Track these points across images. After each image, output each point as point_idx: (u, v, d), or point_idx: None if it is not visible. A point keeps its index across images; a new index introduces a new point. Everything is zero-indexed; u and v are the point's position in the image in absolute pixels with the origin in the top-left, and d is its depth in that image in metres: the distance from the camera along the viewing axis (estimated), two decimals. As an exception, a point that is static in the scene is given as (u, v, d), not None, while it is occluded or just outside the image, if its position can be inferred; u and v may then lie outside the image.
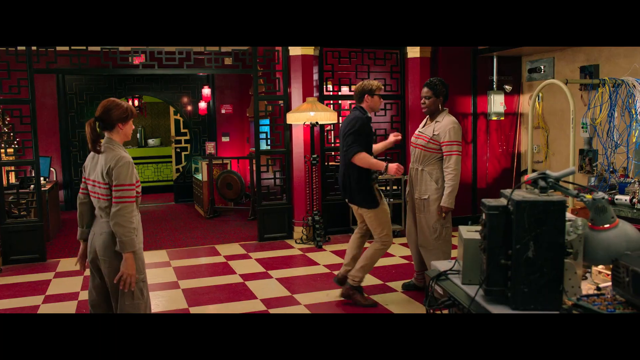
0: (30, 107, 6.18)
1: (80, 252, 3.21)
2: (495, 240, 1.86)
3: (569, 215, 1.85)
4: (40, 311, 4.69)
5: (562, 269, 1.81)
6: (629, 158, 4.57)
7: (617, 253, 1.78)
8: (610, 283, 1.84)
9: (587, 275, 2.11)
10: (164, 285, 5.36)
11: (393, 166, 4.31)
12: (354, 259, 4.70)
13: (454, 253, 4.27)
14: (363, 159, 4.34)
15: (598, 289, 1.87)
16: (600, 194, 1.87)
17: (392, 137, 4.81)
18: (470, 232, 2.14)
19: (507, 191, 1.89)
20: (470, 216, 7.60)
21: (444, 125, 4.48)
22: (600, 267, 1.97)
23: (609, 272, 1.93)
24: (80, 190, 3.18)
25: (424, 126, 4.66)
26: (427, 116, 4.66)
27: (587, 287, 1.98)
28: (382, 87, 4.65)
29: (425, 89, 4.52)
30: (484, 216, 1.90)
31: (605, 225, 1.87)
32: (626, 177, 4.44)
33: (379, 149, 4.85)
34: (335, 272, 5.63)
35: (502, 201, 1.88)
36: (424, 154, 4.55)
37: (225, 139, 10.85)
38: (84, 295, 5.08)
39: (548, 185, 1.86)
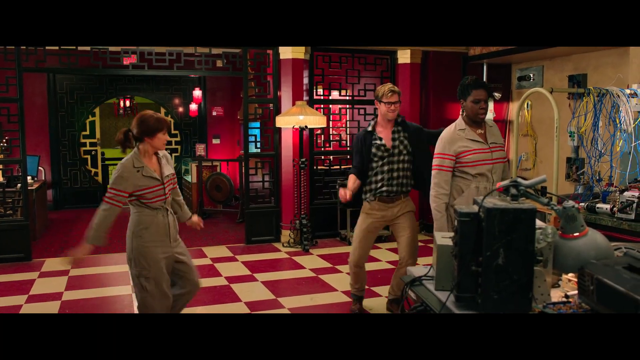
0: (18, 106, 6.16)
1: None
2: (466, 246, 1.87)
3: (539, 223, 1.87)
4: (22, 311, 4.67)
5: (531, 276, 1.82)
6: (612, 167, 4.60)
7: (586, 261, 1.80)
8: (579, 291, 1.86)
9: (560, 282, 2.12)
10: (149, 287, 5.34)
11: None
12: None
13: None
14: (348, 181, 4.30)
15: (566, 297, 1.89)
16: (571, 203, 1.89)
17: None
18: (444, 238, 2.15)
19: (479, 198, 1.90)
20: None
21: (497, 129, 3.91)
22: (570, 275, 1.99)
23: (579, 280, 1.95)
24: None
25: (475, 136, 3.73)
26: (465, 124, 3.78)
27: (558, 295, 2.00)
28: (391, 94, 4.16)
29: (484, 92, 3.71)
30: (456, 222, 1.91)
31: (575, 234, 1.89)
32: (610, 185, 4.47)
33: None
34: (321, 276, 5.64)
35: (474, 208, 1.89)
36: (503, 167, 3.80)
37: (215, 141, 10.84)
38: (68, 296, 5.07)
39: (519, 193, 1.87)
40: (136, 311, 4.67)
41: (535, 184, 1.91)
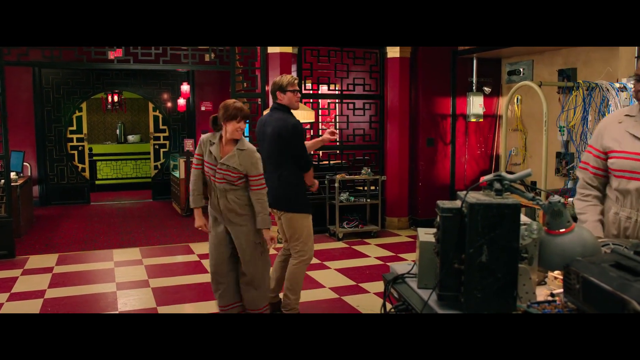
0: (0, 100, 6.04)
1: None
2: (448, 243, 1.81)
3: (524, 218, 1.81)
4: (3, 309, 4.58)
5: (516, 274, 1.76)
6: (602, 162, 4.55)
7: (572, 258, 1.74)
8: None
9: (546, 280, 2.07)
10: (134, 284, 5.26)
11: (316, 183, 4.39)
12: (278, 283, 4.44)
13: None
14: (311, 174, 4.19)
15: (552, 295, 1.83)
16: (556, 198, 1.83)
17: (327, 135, 4.27)
18: (427, 234, 2.08)
19: (462, 193, 1.84)
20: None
21: None
22: (556, 273, 1.93)
23: (566, 278, 1.89)
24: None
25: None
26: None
27: (544, 293, 1.94)
28: (296, 81, 4.06)
29: None
30: (438, 219, 1.85)
31: (561, 230, 1.83)
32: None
33: (311, 147, 4.38)
34: (309, 272, 5.57)
35: (457, 203, 1.83)
36: None
37: (204, 136, 10.74)
38: (51, 293, 4.98)
39: (503, 187, 1.81)
40: (120, 309, 4.59)
41: (519, 178, 1.85)
